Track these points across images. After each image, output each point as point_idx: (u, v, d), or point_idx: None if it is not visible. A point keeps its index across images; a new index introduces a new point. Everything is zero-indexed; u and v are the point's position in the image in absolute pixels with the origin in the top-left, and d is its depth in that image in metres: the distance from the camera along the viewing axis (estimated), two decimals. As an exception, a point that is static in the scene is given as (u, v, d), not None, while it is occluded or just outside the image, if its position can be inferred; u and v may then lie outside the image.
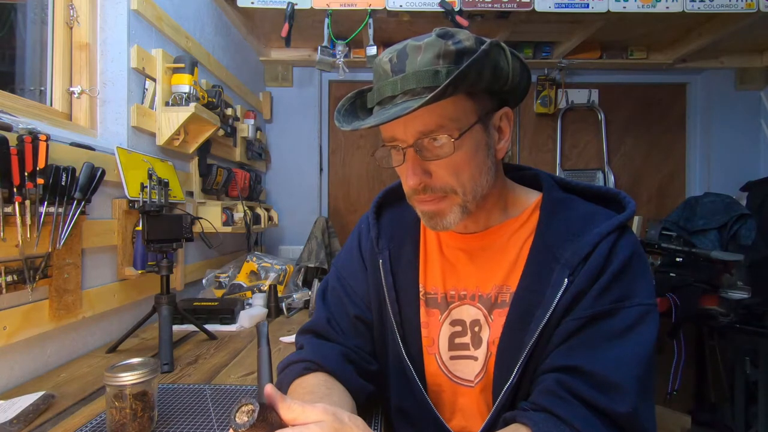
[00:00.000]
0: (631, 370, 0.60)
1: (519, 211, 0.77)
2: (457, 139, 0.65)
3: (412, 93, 0.63)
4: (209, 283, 1.91)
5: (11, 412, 0.81)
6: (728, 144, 3.12)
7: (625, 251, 0.66)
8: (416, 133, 0.65)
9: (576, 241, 0.68)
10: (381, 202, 0.89)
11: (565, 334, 0.64)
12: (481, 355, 0.74)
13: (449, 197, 0.69)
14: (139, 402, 0.73)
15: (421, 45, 0.64)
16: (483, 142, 0.69)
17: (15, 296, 1.01)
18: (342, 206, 3.22)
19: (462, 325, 0.76)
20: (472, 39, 0.65)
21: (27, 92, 1.35)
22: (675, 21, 2.37)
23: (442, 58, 0.63)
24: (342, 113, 0.74)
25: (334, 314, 0.83)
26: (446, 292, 0.78)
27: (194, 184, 1.91)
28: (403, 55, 0.65)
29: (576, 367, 0.61)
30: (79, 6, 1.39)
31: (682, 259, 2.19)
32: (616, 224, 0.68)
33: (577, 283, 0.65)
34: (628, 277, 0.65)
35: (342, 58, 2.29)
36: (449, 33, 0.65)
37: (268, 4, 2.10)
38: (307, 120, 3.09)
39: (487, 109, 0.69)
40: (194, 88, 1.66)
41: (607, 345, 0.62)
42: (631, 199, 0.73)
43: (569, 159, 3.25)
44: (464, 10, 2.09)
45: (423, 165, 0.67)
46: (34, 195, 0.99)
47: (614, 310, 0.64)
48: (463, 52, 0.63)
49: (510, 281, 0.72)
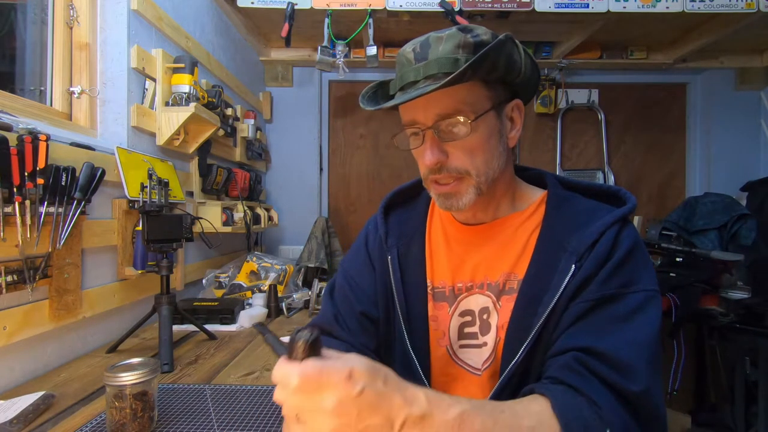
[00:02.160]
0: (641, 350, 0.62)
1: (525, 205, 0.81)
2: (473, 121, 0.70)
3: (433, 78, 0.69)
4: (209, 283, 1.91)
5: (11, 412, 0.81)
6: (728, 144, 3.12)
7: (628, 240, 0.70)
8: (435, 116, 0.70)
9: (581, 230, 0.72)
10: (389, 203, 0.92)
11: (573, 317, 0.67)
12: (490, 340, 0.76)
13: (464, 179, 0.73)
14: (139, 402, 0.73)
15: (443, 36, 0.70)
16: (496, 128, 0.74)
17: (15, 296, 1.01)
18: (342, 206, 3.22)
19: (471, 315, 0.79)
20: (489, 34, 0.72)
21: (27, 92, 1.35)
22: (675, 21, 2.37)
23: (462, 48, 0.69)
24: (366, 98, 0.80)
25: (341, 311, 0.85)
26: (454, 285, 0.81)
27: (194, 184, 1.91)
28: (426, 45, 0.71)
29: (587, 348, 0.63)
30: (79, 6, 1.39)
31: (682, 259, 2.19)
32: (619, 215, 0.72)
33: (584, 269, 0.68)
34: (631, 264, 0.69)
35: (342, 58, 2.29)
36: (468, 27, 0.71)
37: (268, 4, 2.10)
38: (307, 120, 3.09)
39: (501, 98, 0.74)
40: (194, 88, 1.66)
41: (614, 327, 0.64)
42: (632, 195, 0.76)
43: (569, 159, 3.25)
44: (464, 10, 2.09)
45: (441, 146, 0.72)
46: (34, 195, 0.99)
47: (620, 295, 0.66)
48: (481, 44, 0.69)
49: (517, 269, 0.76)
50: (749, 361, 2.01)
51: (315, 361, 0.47)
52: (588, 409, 0.58)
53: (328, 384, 0.46)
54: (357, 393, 0.46)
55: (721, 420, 2.24)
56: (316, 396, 0.46)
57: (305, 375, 0.46)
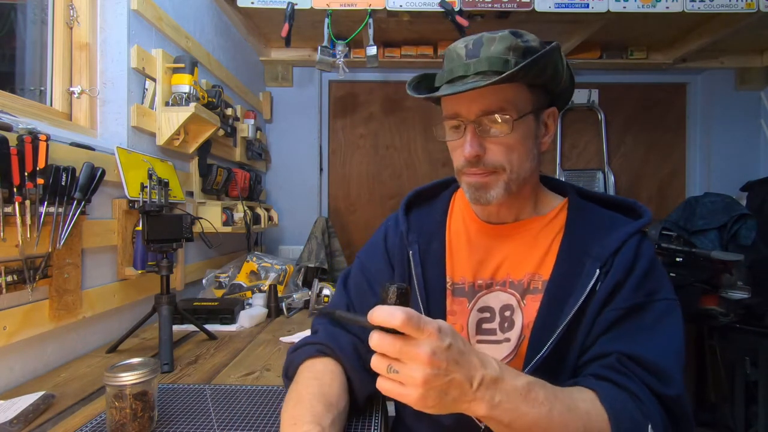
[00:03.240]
0: (674, 357, 0.66)
1: (547, 210, 0.84)
2: (515, 120, 0.72)
3: (483, 75, 0.72)
4: (209, 283, 1.91)
5: (11, 412, 0.81)
6: (728, 144, 3.11)
7: (648, 251, 0.74)
8: (479, 111, 0.73)
9: (604, 238, 0.75)
10: (410, 202, 0.94)
11: (607, 323, 0.70)
12: (514, 336, 0.78)
13: (498, 173, 0.75)
14: (139, 402, 0.73)
15: (496, 37, 0.73)
16: (533, 131, 0.77)
17: (15, 296, 1.01)
18: (342, 206, 3.22)
19: (490, 312, 0.81)
20: (538, 41, 0.75)
21: (27, 92, 1.35)
22: (675, 21, 2.37)
23: (513, 50, 0.72)
24: (412, 87, 0.82)
25: (355, 303, 0.87)
26: (474, 281, 0.83)
27: (194, 184, 1.91)
28: (478, 43, 0.74)
29: (625, 353, 0.66)
30: (79, 6, 1.39)
31: (682, 259, 2.19)
32: (639, 226, 0.76)
33: (612, 275, 0.71)
34: (655, 274, 0.73)
35: (342, 58, 2.29)
36: (520, 33, 0.74)
37: (268, 4, 2.10)
38: (307, 120, 3.09)
39: (541, 104, 0.78)
40: (194, 88, 1.66)
41: (648, 334, 0.68)
42: (648, 209, 0.80)
43: (569, 159, 3.25)
44: (464, 10, 2.09)
45: (481, 140, 0.74)
46: (34, 195, 0.99)
47: (648, 303, 0.70)
48: (530, 49, 0.73)
49: (542, 270, 0.78)
50: (749, 361, 2.01)
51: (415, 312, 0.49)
52: (632, 402, 0.61)
53: (425, 330, 0.49)
54: (446, 346, 0.50)
55: (721, 420, 2.24)
56: (412, 342, 0.49)
57: (409, 315, 0.48)
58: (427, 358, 0.48)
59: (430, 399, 0.50)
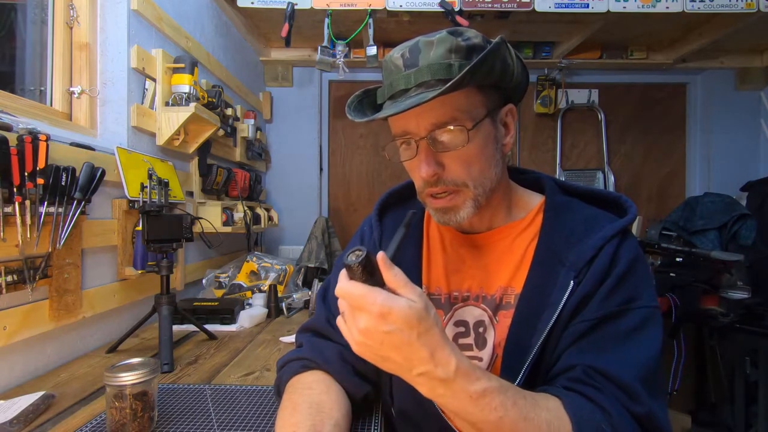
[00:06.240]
0: (644, 371, 0.61)
1: (523, 214, 0.78)
2: (470, 129, 0.66)
3: (426, 85, 0.65)
4: (209, 283, 1.91)
5: (11, 412, 0.81)
6: (728, 144, 3.12)
7: (628, 255, 0.68)
8: (429, 125, 0.66)
9: (579, 244, 0.69)
10: (384, 205, 0.89)
11: (574, 336, 0.65)
12: (486, 356, 0.74)
13: (462, 192, 0.70)
14: (139, 402, 0.73)
15: (434, 41, 0.66)
16: (492, 135, 0.71)
17: (15, 296, 1.01)
18: (342, 206, 3.22)
19: (465, 326, 0.76)
20: (479, 37, 0.68)
21: (27, 92, 1.35)
22: (675, 21, 2.37)
23: (454, 52, 0.65)
24: (352, 108, 0.76)
25: (334, 313, 0.82)
26: (450, 293, 0.78)
27: (194, 184, 1.91)
28: (415, 50, 0.66)
29: (591, 366, 0.62)
30: (79, 6, 1.39)
31: (682, 259, 2.19)
32: (618, 228, 0.69)
33: (583, 286, 0.66)
34: (632, 280, 0.67)
35: (342, 58, 2.29)
36: (458, 31, 0.67)
37: (268, 4, 2.10)
38: (307, 120, 3.09)
39: (495, 104, 0.71)
40: (194, 88, 1.66)
41: (618, 346, 0.63)
42: (633, 203, 0.74)
43: (569, 159, 3.25)
44: (464, 10, 2.09)
45: (436, 156, 0.68)
46: (34, 195, 0.99)
47: (621, 312, 0.65)
48: (473, 48, 0.66)
49: (514, 283, 0.73)
50: (749, 361, 2.01)
51: (364, 286, 0.52)
52: (600, 414, 0.58)
53: (363, 308, 0.51)
54: (384, 332, 0.51)
55: (721, 420, 2.24)
56: (356, 311, 0.53)
57: (348, 292, 0.52)
58: (360, 328, 0.52)
59: (367, 356, 0.55)
